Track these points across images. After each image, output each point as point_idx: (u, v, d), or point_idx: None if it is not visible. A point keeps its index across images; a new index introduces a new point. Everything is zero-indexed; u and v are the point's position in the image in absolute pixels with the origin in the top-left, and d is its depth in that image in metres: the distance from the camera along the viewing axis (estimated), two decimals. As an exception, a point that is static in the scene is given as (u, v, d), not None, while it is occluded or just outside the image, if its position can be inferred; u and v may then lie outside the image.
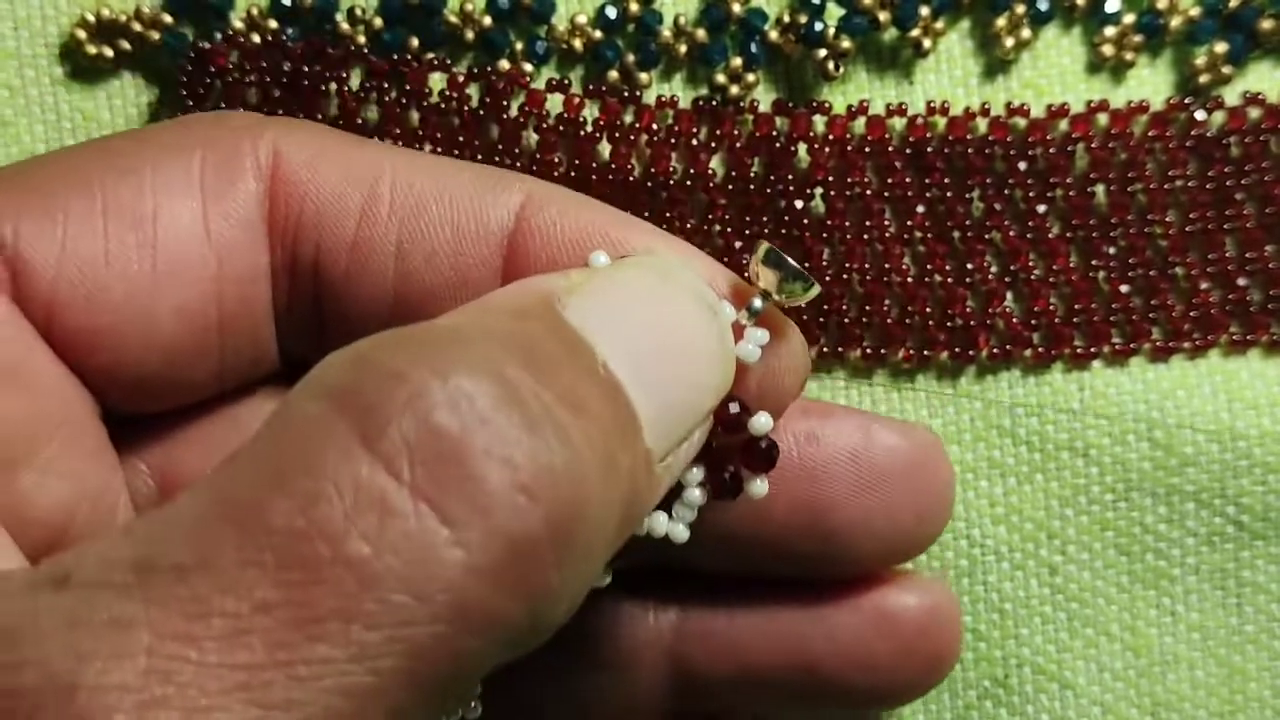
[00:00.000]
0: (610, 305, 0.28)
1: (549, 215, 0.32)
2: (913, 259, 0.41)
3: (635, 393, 0.27)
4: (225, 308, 0.32)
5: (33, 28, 0.40)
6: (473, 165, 0.34)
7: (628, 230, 0.32)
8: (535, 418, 0.24)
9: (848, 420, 0.36)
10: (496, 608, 0.24)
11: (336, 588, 0.22)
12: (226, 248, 0.31)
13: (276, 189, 0.32)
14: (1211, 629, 0.42)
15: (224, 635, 0.22)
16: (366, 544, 0.22)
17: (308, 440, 0.24)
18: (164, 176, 0.31)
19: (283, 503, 0.23)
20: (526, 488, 0.24)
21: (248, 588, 0.22)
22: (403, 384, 0.24)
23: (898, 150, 0.41)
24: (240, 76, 0.39)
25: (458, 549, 0.23)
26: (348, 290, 0.32)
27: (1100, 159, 0.41)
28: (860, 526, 0.35)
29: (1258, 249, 0.41)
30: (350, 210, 0.32)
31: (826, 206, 0.41)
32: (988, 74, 0.41)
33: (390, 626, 0.22)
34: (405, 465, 0.23)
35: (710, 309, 0.29)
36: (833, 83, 0.41)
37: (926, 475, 0.36)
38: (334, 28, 0.40)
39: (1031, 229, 0.41)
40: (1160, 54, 0.42)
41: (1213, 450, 0.41)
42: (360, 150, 0.33)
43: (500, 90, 0.40)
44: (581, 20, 0.40)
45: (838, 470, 0.35)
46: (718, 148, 0.41)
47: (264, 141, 0.32)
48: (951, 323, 0.41)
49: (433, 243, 0.32)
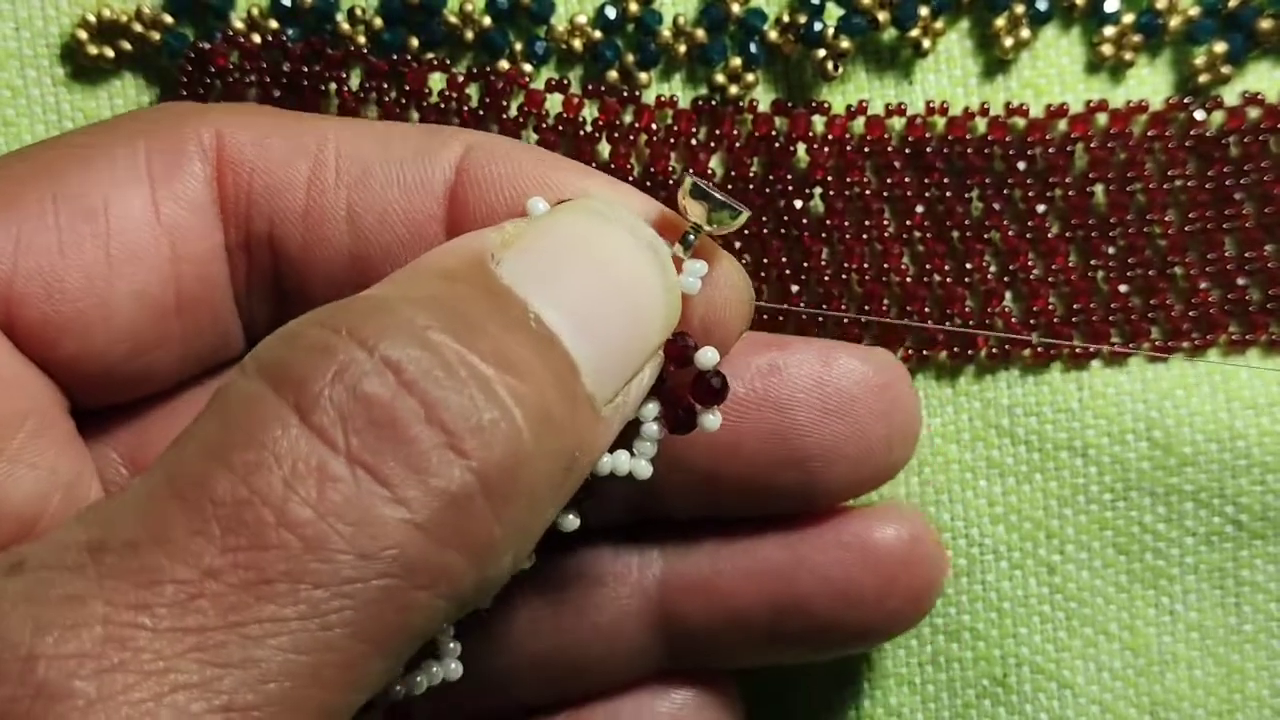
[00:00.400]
0: (545, 254, 0.29)
1: (487, 165, 0.32)
2: (912, 259, 0.41)
3: (572, 340, 0.28)
4: (183, 290, 0.32)
5: (34, 28, 0.40)
6: (417, 125, 0.34)
7: (563, 173, 0.32)
8: (461, 378, 0.25)
9: (808, 349, 0.36)
10: (440, 561, 0.25)
11: (282, 551, 0.24)
12: (179, 230, 0.32)
13: (223, 168, 0.32)
14: (1210, 628, 0.42)
15: (176, 601, 0.23)
16: (308, 508, 0.24)
17: (246, 416, 0.25)
18: (111, 166, 0.32)
19: (225, 475, 0.24)
20: (457, 446, 0.25)
21: (196, 555, 0.24)
22: (330, 356, 0.25)
23: (897, 150, 0.41)
24: (240, 76, 0.39)
25: (398, 507, 0.24)
26: (305, 260, 0.33)
27: (1099, 159, 0.41)
28: (831, 453, 0.35)
29: (1257, 248, 0.41)
30: (298, 180, 0.32)
31: (826, 206, 0.41)
32: (987, 74, 0.41)
33: (337, 584, 0.24)
34: (339, 433, 0.25)
35: (648, 245, 0.30)
36: (832, 83, 0.41)
37: (892, 397, 0.36)
38: (334, 28, 0.40)
39: (1031, 229, 0.41)
40: (1159, 54, 0.42)
41: (1211, 450, 0.41)
42: (302, 122, 0.33)
43: (500, 90, 0.40)
44: (581, 20, 0.40)
45: (803, 398, 0.35)
46: (717, 147, 0.41)
47: (207, 125, 0.33)
48: (951, 322, 0.41)
49: (383, 203, 0.32)
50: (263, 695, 0.23)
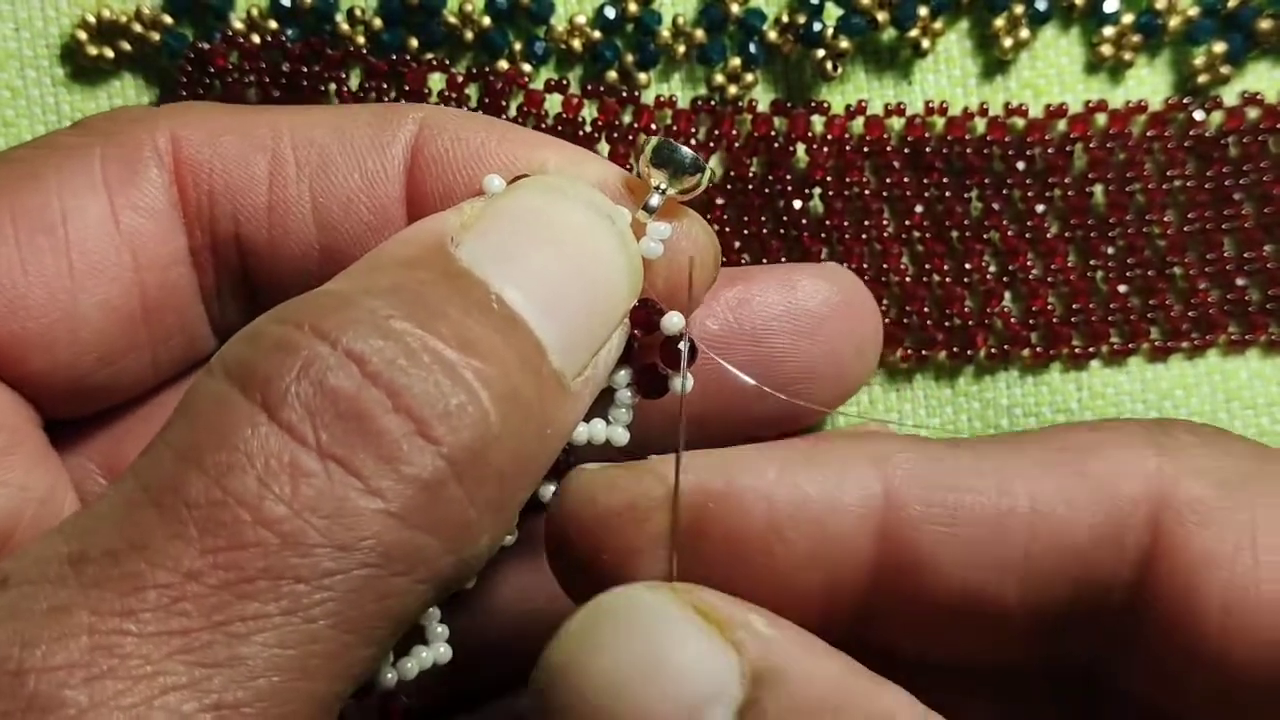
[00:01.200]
0: (504, 234, 0.29)
1: (441, 144, 0.32)
2: (911, 258, 0.41)
3: (535, 318, 0.28)
4: (148, 297, 0.32)
5: (34, 29, 0.40)
6: (368, 106, 0.34)
7: (518, 145, 0.32)
8: (425, 364, 0.26)
9: (771, 277, 0.36)
10: (417, 547, 0.25)
11: (260, 549, 0.24)
12: (140, 238, 0.32)
13: (181, 172, 0.32)
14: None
15: (160, 605, 0.23)
16: (282, 504, 0.24)
17: (215, 418, 0.25)
18: (67, 178, 0.32)
19: (199, 478, 0.24)
20: (426, 432, 0.25)
21: (176, 559, 0.24)
22: (293, 352, 0.25)
23: (896, 150, 0.41)
24: (240, 77, 0.39)
25: (372, 497, 0.25)
26: (274, 256, 0.33)
27: (1099, 159, 0.41)
28: (808, 373, 0.36)
29: (1256, 249, 0.41)
30: (259, 176, 0.32)
31: (825, 206, 0.41)
32: (986, 74, 0.41)
33: (317, 577, 0.24)
34: (309, 428, 0.25)
35: (606, 217, 0.30)
36: (831, 83, 0.41)
37: (855, 310, 0.36)
38: (333, 28, 0.40)
39: (1030, 229, 0.41)
40: (1159, 54, 0.42)
41: (1210, 450, 0.41)
42: (255, 116, 0.33)
43: (499, 90, 0.40)
44: (580, 20, 0.40)
45: (775, 325, 0.35)
46: (716, 147, 0.41)
47: (160, 129, 0.32)
48: (950, 322, 0.41)
49: (345, 193, 0.32)
50: (252, 691, 0.23)
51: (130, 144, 0.32)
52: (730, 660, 0.26)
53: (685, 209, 0.32)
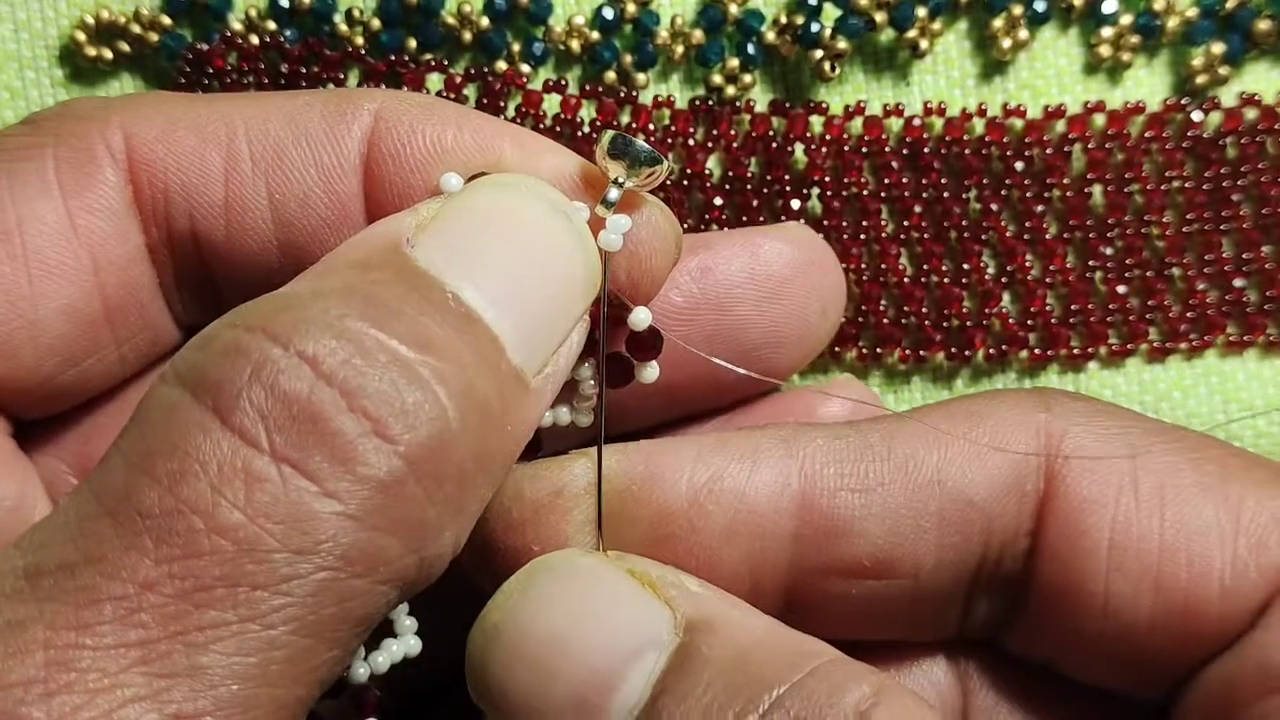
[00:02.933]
0: (461, 233, 0.28)
1: (398, 137, 0.32)
2: (909, 259, 0.41)
3: (493, 315, 0.28)
4: (109, 298, 0.32)
5: (33, 30, 0.40)
6: (320, 94, 0.33)
7: (473, 137, 0.31)
8: (381, 363, 0.25)
9: (732, 243, 0.36)
10: (376, 549, 0.25)
11: (217, 556, 0.24)
12: (97, 240, 0.32)
13: (136, 171, 0.32)
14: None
15: (116, 618, 0.23)
16: (236, 511, 0.24)
17: (167, 425, 0.25)
18: (21, 183, 0.31)
19: (151, 486, 0.24)
20: (382, 431, 0.25)
21: (131, 569, 0.23)
22: (244, 356, 0.25)
23: (894, 150, 0.41)
24: (238, 78, 0.39)
25: (328, 500, 0.24)
26: (231, 251, 0.32)
27: (1097, 159, 0.41)
28: (775, 337, 0.36)
29: (1254, 250, 0.41)
30: (214, 174, 0.32)
31: (823, 206, 0.41)
32: (985, 75, 0.41)
33: (274, 583, 0.24)
34: (262, 433, 0.24)
35: (563, 214, 0.30)
36: (829, 83, 0.41)
37: (819, 269, 0.36)
38: (332, 29, 0.40)
39: (1028, 229, 0.41)
40: (1157, 55, 0.42)
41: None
42: (209, 109, 0.32)
43: (498, 91, 0.40)
44: (579, 21, 0.40)
45: (739, 293, 0.35)
46: (714, 148, 0.41)
47: (112, 127, 0.32)
48: (948, 323, 0.41)
49: (302, 189, 0.32)
50: (212, 700, 0.23)
51: (83, 144, 0.32)
52: (664, 613, 0.28)
53: (647, 198, 0.31)
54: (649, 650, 0.27)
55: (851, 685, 0.26)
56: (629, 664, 0.27)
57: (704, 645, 0.27)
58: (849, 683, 0.26)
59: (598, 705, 0.27)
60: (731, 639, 0.28)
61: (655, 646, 0.27)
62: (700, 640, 0.27)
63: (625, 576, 0.29)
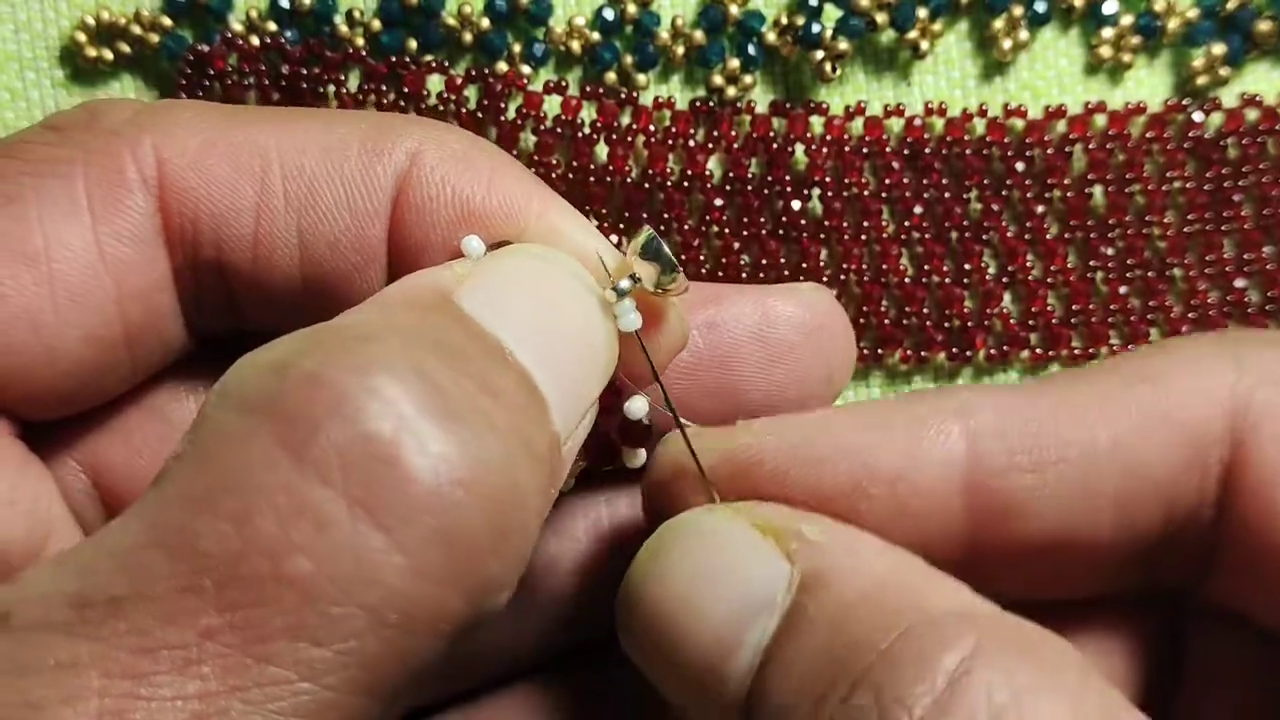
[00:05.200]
0: (501, 295, 0.28)
1: (427, 190, 0.31)
2: (910, 260, 0.41)
3: (541, 378, 0.27)
4: (130, 324, 0.31)
5: (34, 31, 0.40)
6: (359, 127, 0.32)
7: (503, 201, 0.31)
8: (460, 409, 0.24)
9: (743, 300, 0.35)
10: (440, 604, 0.24)
11: (280, 606, 0.22)
12: (123, 268, 0.31)
13: (166, 197, 0.31)
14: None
15: (173, 668, 0.22)
16: (304, 558, 0.22)
17: (233, 456, 0.23)
18: (49, 202, 0.30)
19: (215, 525, 0.23)
20: (461, 481, 0.24)
21: (190, 616, 0.22)
22: (324, 389, 0.24)
23: (895, 151, 0.41)
24: (239, 79, 0.39)
25: (396, 555, 0.23)
26: (257, 283, 0.32)
27: (1098, 160, 0.41)
28: (775, 399, 0.35)
29: (1255, 250, 0.41)
30: (245, 208, 0.31)
31: (824, 207, 0.41)
32: (985, 75, 0.41)
33: (337, 639, 0.23)
34: (337, 473, 0.23)
35: (592, 292, 0.29)
36: (830, 84, 0.41)
37: (828, 335, 0.35)
38: (332, 30, 0.40)
39: (1029, 229, 0.41)
40: (1158, 55, 0.42)
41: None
42: (244, 134, 0.32)
43: (498, 92, 0.40)
44: (579, 22, 0.40)
45: (744, 352, 0.34)
46: (715, 148, 0.41)
47: (144, 146, 0.31)
48: (949, 323, 0.41)
49: (333, 230, 0.31)
50: None
51: (113, 164, 0.31)
52: (783, 569, 0.27)
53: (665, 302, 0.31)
54: (765, 613, 0.27)
55: (941, 649, 0.24)
56: (746, 627, 0.27)
57: (810, 605, 0.26)
58: (938, 647, 0.24)
59: (719, 671, 0.27)
60: (840, 595, 0.26)
61: (769, 609, 0.27)
62: (808, 599, 0.26)
63: (748, 530, 0.28)
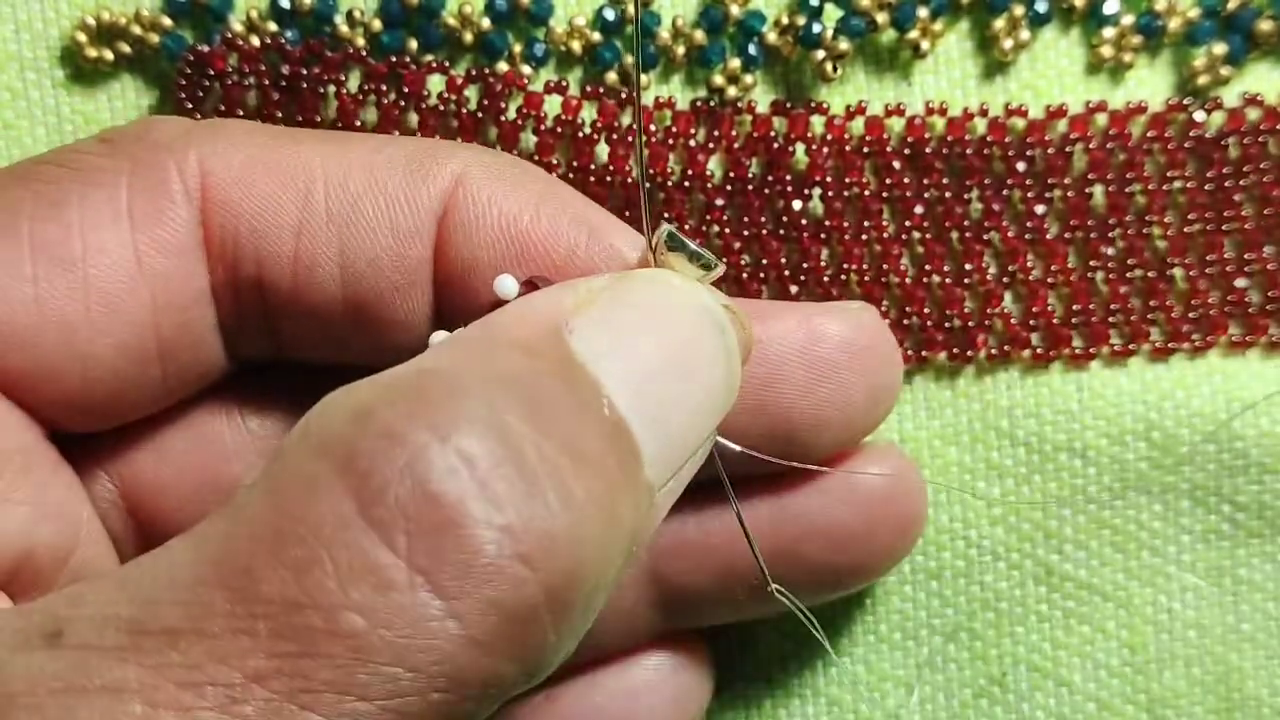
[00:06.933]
0: (618, 328, 0.28)
1: (473, 211, 0.31)
2: (911, 259, 0.41)
3: (639, 425, 0.27)
4: (164, 337, 0.31)
5: (34, 31, 0.40)
6: (405, 149, 0.33)
7: (550, 222, 0.31)
8: (536, 475, 0.24)
9: (788, 318, 0.35)
10: (491, 672, 0.24)
11: (330, 659, 0.22)
12: (160, 278, 0.31)
13: (209, 210, 0.31)
14: (1207, 627, 0.42)
15: (217, 705, 0.22)
16: (360, 616, 0.23)
17: (303, 503, 0.24)
18: (91, 209, 0.31)
19: (277, 570, 0.23)
20: (525, 556, 0.23)
21: (240, 657, 0.22)
22: (401, 446, 0.24)
23: (896, 151, 0.41)
24: (239, 79, 0.39)
25: (451, 621, 0.23)
26: (296, 300, 0.32)
27: (1099, 160, 0.41)
28: (817, 421, 0.34)
29: (1256, 250, 0.41)
30: (287, 224, 0.31)
31: (825, 207, 0.41)
32: (986, 75, 0.41)
33: (383, 698, 0.23)
34: (401, 535, 0.23)
35: (719, 327, 0.29)
36: (831, 84, 0.41)
37: (874, 356, 0.35)
38: (333, 30, 0.40)
39: (1030, 229, 0.41)
40: (1159, 55, 0.42)
41: (1209, 450, 0.41)
42: (290, 151, 0.32)
43: (498, 92, 0.40)
44: (580, 22, 0.40)
45: (788, 372, 0.34)
46: (716, 148, 0.41)
47: (190, 160, 0.31)
48: (950, 323, 0.41)
49: (374, 249, 0.31)
50: None
51: (158, 176, 0.31)
52: None
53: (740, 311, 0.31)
54: None
55: None
56: None
57: None
58: None
59: None
60: None
61: None
62: None
63: None
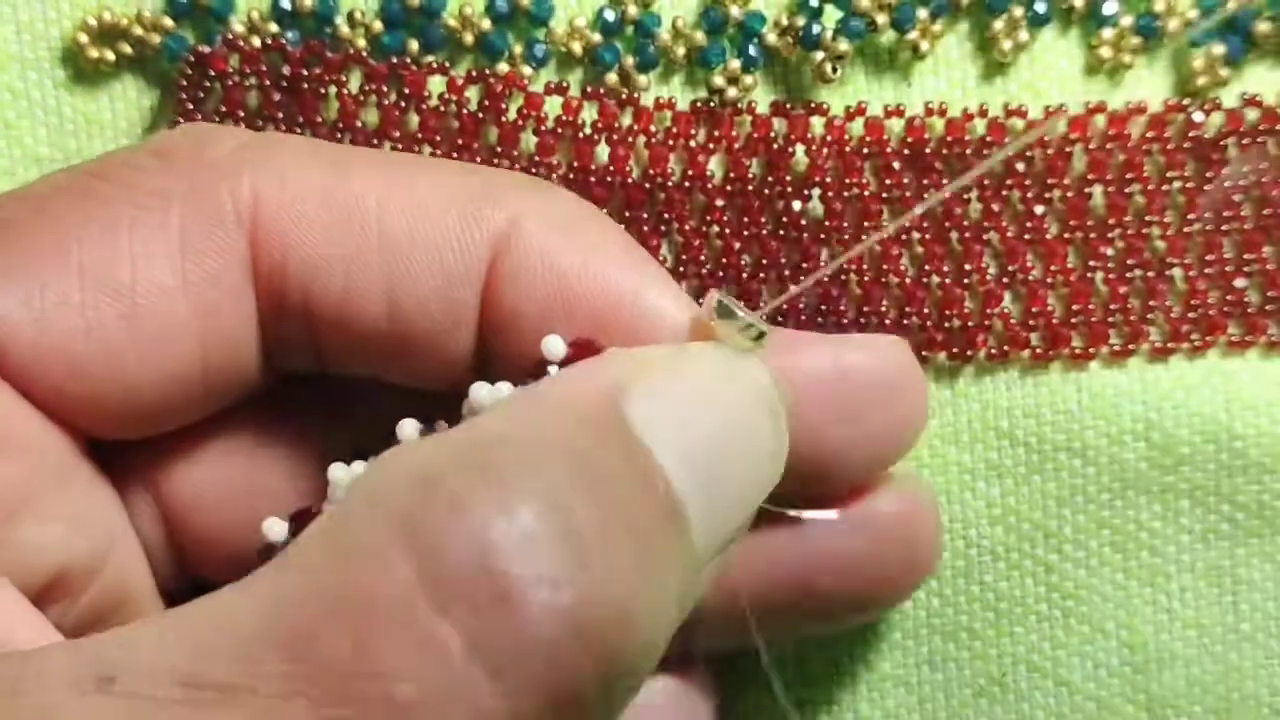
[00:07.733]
0: (677, 402, 0.28)
1: (523, 262, 0.31)
2: (910, 260, 0.41)
3: (691, 502, 0.27)
4: (210, 364, 0.31)
5: (35, 31, 0.40)
6: (463, 181, 0.33)
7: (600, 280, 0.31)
8: (591, 549, 0.24)
9: (818, 353, 0.34)
10: None
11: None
12: (209, 309, 0.31)
13: (259, 239, 0.31)
14: (1207, 626, 0.42)
15: None
16: (413, 687, 0.23)
17: (365, 569, 0.24)
18: (142, 236, 0.30)
19: (335, 636, 0.23)
20: (578, 632, 0.23)
21: (293, 718, 0.22)
22: (463, 516, 0.24)
23: (896, 152, 0.41)
24: (240, 80, 0.40)
25: (501, 698, 0.23)
26: (341, 332, 0.32)
27: (1098, 160, 0.41)
28: (841, 459, 0.34)
29: (1256, 250, 0.41)
30: (337, 259, 0.31)
31: (824, 208, 0.41)
32: (986, 76, 0.41)
33: None
34: (458, 606, 0.23)
35: (773, 412, 0.29)
36: (830, 85, 0.41)
37: (902, 393, 0.35)
38: (334, 31, 0.40)
39: (1029, 230, 0.41)
40: (1158, 56, 0.42)
41: (1209, 450, 0.41)
42: (345, 180, 0.32)
43: (499, 93, 0.40)
44: (580, 23, 0.40)
45: (815, 410, 0.33)
46: (715, 149, 0.41)
47: (243, 185, 0.31)
48: (949, 323, 0.41)
49: (422, 289, 0.31)
50: None
51: (210, 201, 0.31)
52: None
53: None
54: None
55: None
56: None
57: None
58: None
59: None
60: None
61: None
62: None
63: None
